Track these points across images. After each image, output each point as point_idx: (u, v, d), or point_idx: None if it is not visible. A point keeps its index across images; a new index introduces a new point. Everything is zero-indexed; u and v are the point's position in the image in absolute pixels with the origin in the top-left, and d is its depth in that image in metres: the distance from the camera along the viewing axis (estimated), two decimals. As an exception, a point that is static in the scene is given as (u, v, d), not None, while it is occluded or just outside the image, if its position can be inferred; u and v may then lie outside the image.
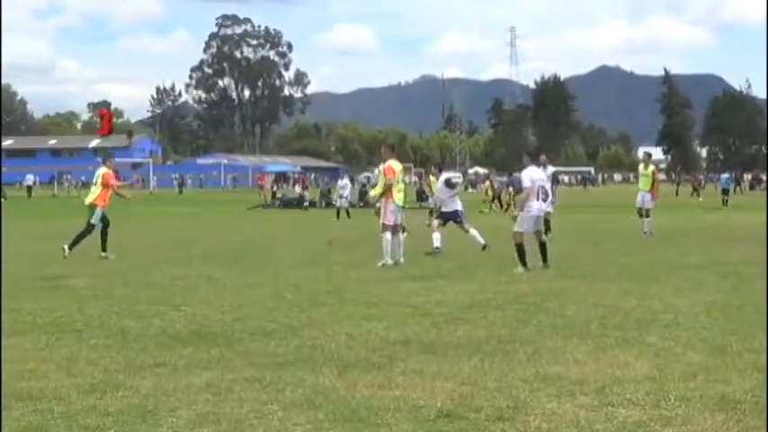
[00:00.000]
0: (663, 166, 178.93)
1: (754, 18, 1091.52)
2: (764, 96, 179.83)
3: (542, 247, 18.95)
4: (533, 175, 18.80)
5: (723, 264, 19.20)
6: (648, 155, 32.01)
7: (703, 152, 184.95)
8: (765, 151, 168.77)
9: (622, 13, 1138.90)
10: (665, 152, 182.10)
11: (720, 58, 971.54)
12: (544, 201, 19.23)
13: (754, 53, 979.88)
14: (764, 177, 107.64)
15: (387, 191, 20.45)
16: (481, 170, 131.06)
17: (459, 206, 23.92)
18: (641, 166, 30.05)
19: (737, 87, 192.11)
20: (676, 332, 11.02)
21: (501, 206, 47.81)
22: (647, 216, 28.70)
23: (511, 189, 29.43)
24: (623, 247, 24.78)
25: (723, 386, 8.37)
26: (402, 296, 14.75)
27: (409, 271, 18.58)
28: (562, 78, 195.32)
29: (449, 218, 23.83)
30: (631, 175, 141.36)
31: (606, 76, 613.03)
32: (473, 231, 23.49)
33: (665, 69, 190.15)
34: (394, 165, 20.63)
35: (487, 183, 56.23)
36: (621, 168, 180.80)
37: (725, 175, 64.47)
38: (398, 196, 20.58)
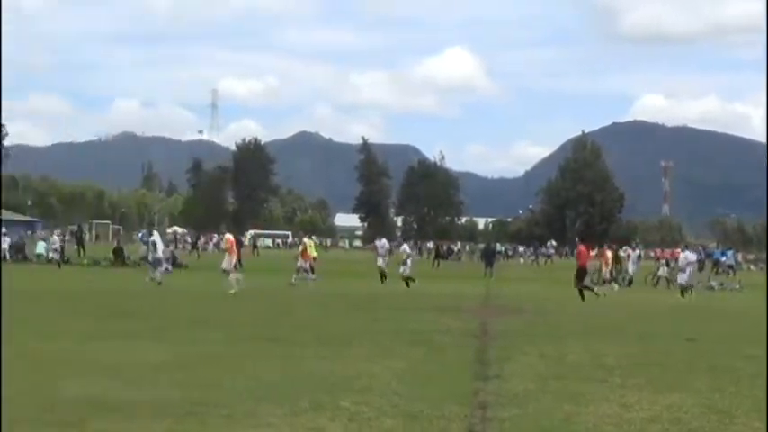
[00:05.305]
0: (359, 233, 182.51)
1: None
2: (457, 169, 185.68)
3: None
4: None
5: (414, 332, 19.66)
6: None
7: (399, 221, 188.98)
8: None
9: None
10: (361, 220, 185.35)
11: (415, 129, 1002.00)
12: None
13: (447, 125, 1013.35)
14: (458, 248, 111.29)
15: None
16: (179, 229, 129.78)
17: None
18: None
19: (432, 159, 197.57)
20: (369, 397, 11.19)
21: None
22: None
23: None
24: (320, 311, 25.02)
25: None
26: (96, 354, 14.40)
27: (105, 328, 18.18)
28: (263, 142, 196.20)
29: None
30: (328, 240, 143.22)
31: (306, 142, 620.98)
32: None
33: (363, 138, 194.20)
34: None
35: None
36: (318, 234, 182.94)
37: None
38: None
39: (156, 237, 37.37)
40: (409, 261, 39.66)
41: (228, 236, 35.84)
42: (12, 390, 11.00)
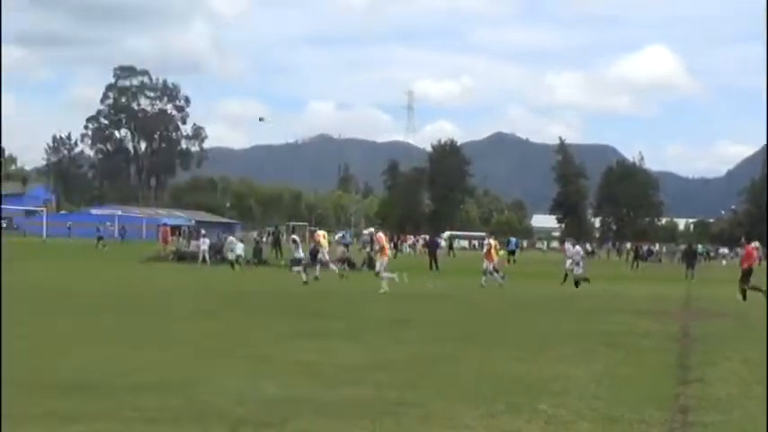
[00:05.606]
0: (556, 234, 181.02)
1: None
2: (656, 169, 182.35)
3: None
4: None
5: (612, 334, 19.31)
6: None
7: (597, 222, 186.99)
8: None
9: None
10: (559, 221, 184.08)
11: (612, 128, 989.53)
12: None
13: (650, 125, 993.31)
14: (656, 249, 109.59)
15: None
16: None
17: None
18: None
19: (630, 159, 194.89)
20: (567, 400, 11.01)
21: None
22: None
23: None
24: (513, 313, 24.90)
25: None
26: (294, 354, 14.61)
27: (302, 328, 18.45)
28: (459, 143, 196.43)
29: None
30: (524, 242, 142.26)
31: (502, 142, 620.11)
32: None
33: (561, 138, 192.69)
34: None
35: None
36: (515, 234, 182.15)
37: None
38: None
39: (296, 236, 38.05)
40: (582, 262, 39.40)
41: (380, 234, 35.93)
42: (212, 389, 11.25)
